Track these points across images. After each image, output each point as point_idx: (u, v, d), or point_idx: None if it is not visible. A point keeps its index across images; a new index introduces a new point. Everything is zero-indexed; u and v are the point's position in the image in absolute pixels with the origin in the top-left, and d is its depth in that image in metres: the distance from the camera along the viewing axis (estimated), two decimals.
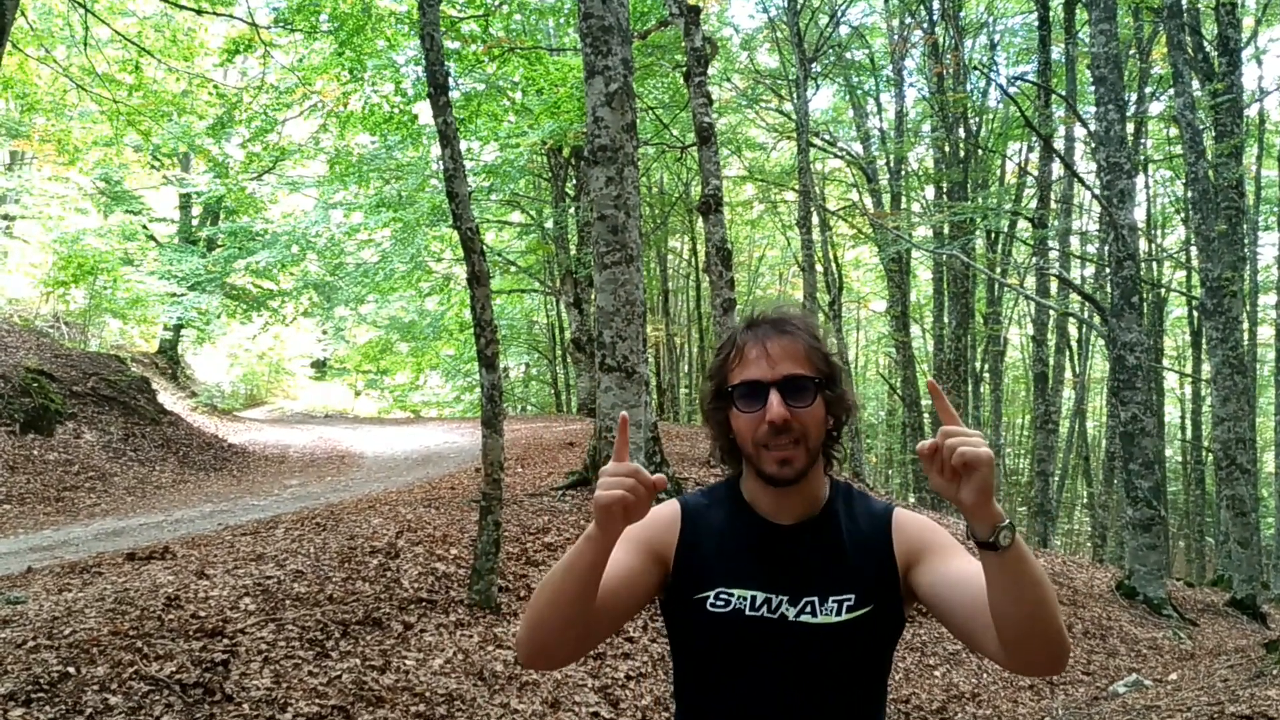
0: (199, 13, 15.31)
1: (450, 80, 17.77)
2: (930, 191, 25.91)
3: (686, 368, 31.68)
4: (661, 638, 6.68)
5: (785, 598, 1.71)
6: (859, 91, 25.09)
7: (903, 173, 25.48)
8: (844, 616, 1.70)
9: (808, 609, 1.70)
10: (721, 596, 1.72)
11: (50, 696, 4.05)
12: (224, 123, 19.40)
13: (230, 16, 15.48)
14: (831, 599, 1.71)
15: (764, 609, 1.70)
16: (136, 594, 5.30)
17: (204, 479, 13.59)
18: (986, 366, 25.48)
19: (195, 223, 26.47)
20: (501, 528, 6.54)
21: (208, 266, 23.02)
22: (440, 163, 7.26)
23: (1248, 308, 21.97)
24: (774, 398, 1.69)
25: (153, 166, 24.64)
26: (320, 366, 38.42)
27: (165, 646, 4.67)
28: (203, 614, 5.16)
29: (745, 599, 1.71)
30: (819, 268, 21.72)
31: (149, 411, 15.01)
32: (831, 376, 1.77)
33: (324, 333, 34.71)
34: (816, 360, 1.76)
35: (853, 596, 1.71)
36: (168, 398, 18.93)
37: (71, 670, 4.26)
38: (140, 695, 4.24)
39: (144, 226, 24.74)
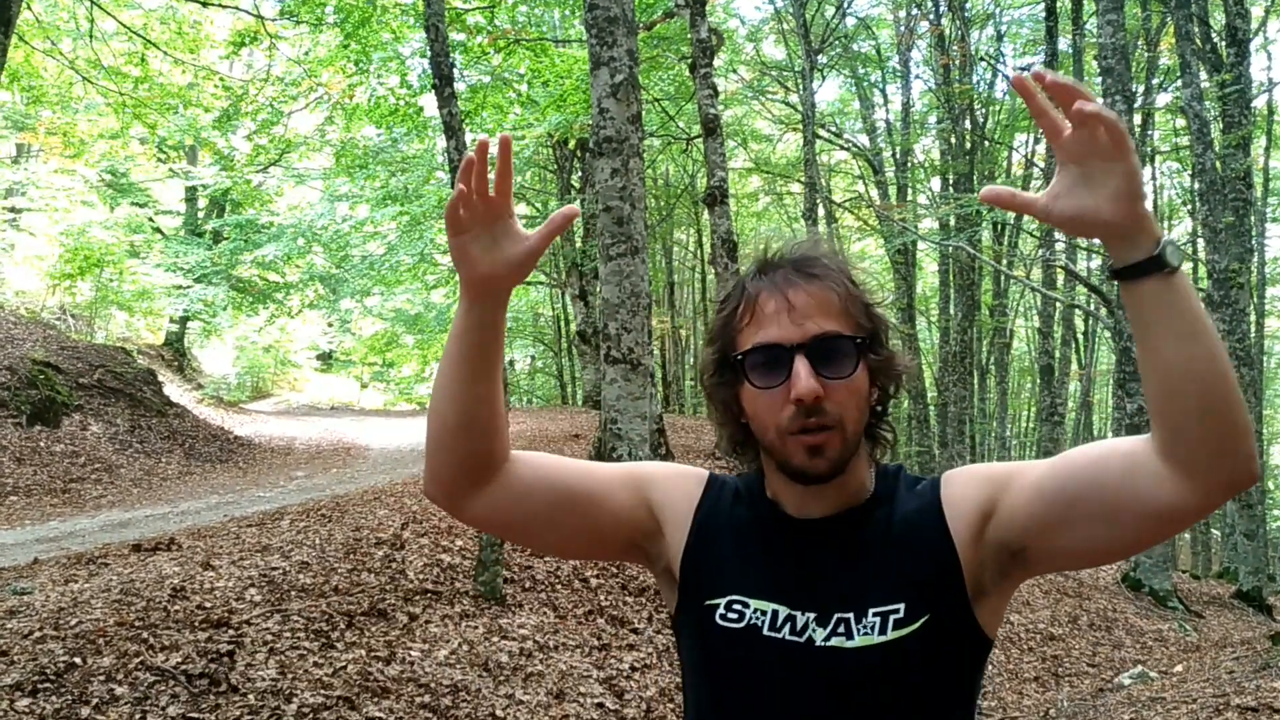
0: (204, 5, 15.31)
1: (456, 72, 17.77)
2: (936, 183, 25.85)
3: (692, 360, 31.67)
4: (666, 629, 6.69)
5: (813, 615, 1.29)
6: (865, 83, 25.05)
7: (909, 164, 25.42)
8: (890, 635, 1.26)
9: (840, 629, 1.28)
10: (735, 607, 1.33)
11: (56, 687, 4.07)
12: (230, 115, 19.42)
13: (236, 9, 15.48)
14: (872, 613, 1.28)
15: (786, 629, 1.30)
16: (142, 585, 5.32)
17: (210, 471, 13.62)
18: (992, 359, 25.45)
19: (201, 215, 26.49)
20: None
21: (214, 259, 23.05)
22: (446, 155, 7.24)
23: (1255, 299, 21.93)
24: (801, 367, 1.25)
25: (159, 159, 24.68)
26: (326, 359, 38.45)
27: (171, 637, 4.68)
28: (208, 605, 5.17)
29: (763, 614, 1.31)
30: None
31: (155, 403, 15.04)
32: (876, 334, 1.33)
33: (330, 325, 34.78)
34: (856, 312, 1.31)
35: (901, 606, 1.27)
36: (174, 390, 18.98)
37: (78, 661, 4.28)
38: (146, 686, 4.25)
39: (150, 219, 24.78)
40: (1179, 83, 15.35)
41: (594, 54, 8.98)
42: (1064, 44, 21.22)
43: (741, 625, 1.31)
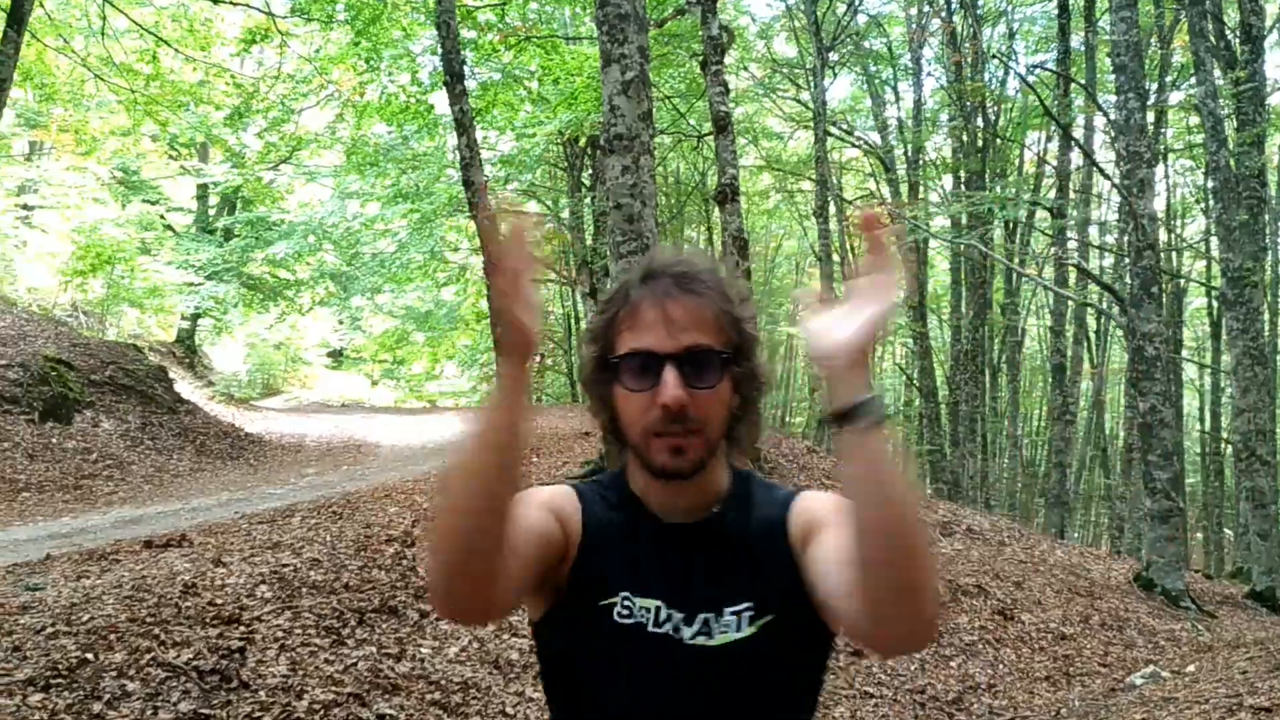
0: (216, 2, 15.34)
1: (466, 69, 17.78)
2: (948, 181, 25.78)
3: None
4: None
5: (682, 616, 1.40)
6: (877, 80, 25.00)
7: (920, 162, 25.36)
8: (745, 631, 1.40)
9: (703, 628, 1.40)
10: (627, 604, 1.41)
11: (69, 682, 4.07)
12: (241, 113, 19.46)
13: (247, 6, 15.51)
14: (728, 612, 1.40)
15: (666, 625, 1.40)
16: (154, 581, 5.32)
17: (221, 468, 13.65)
18: (1004, 357, 25.38)
19: (212, 212, 26.55)
20: None
21: (224, 256, 23.12)
22: (457, 152, 7.25)
23: (1269, 298, 21.81)
24: (670, 376, 1.34)
25: (170, 156, 24.75)
26: (337, 356, 38.52)
27: (182, 633, 4.69)
28: (219, 601, 5.18)
29: (647, 611, 1.40)
30: (836, 258, 21.66)
31: (166, 400, 15.08)
32: (743, 348, 1.43)
33: (340, 322, 34.82)
34: (727, 327, 1.41)
35: (751, 605, 1.41)
36: (185, 387, 19.02)
37: (90, 656, 4.28)
38: (157, 682, 4.26)
39: (161, 216, 24.86)
40: (1193, 80, 15.27)
41: (605, 51, 8.96)
42: (1077, 41, 21.16)
43: (631, 621, 1.40)
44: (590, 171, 22.54)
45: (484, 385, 32.39)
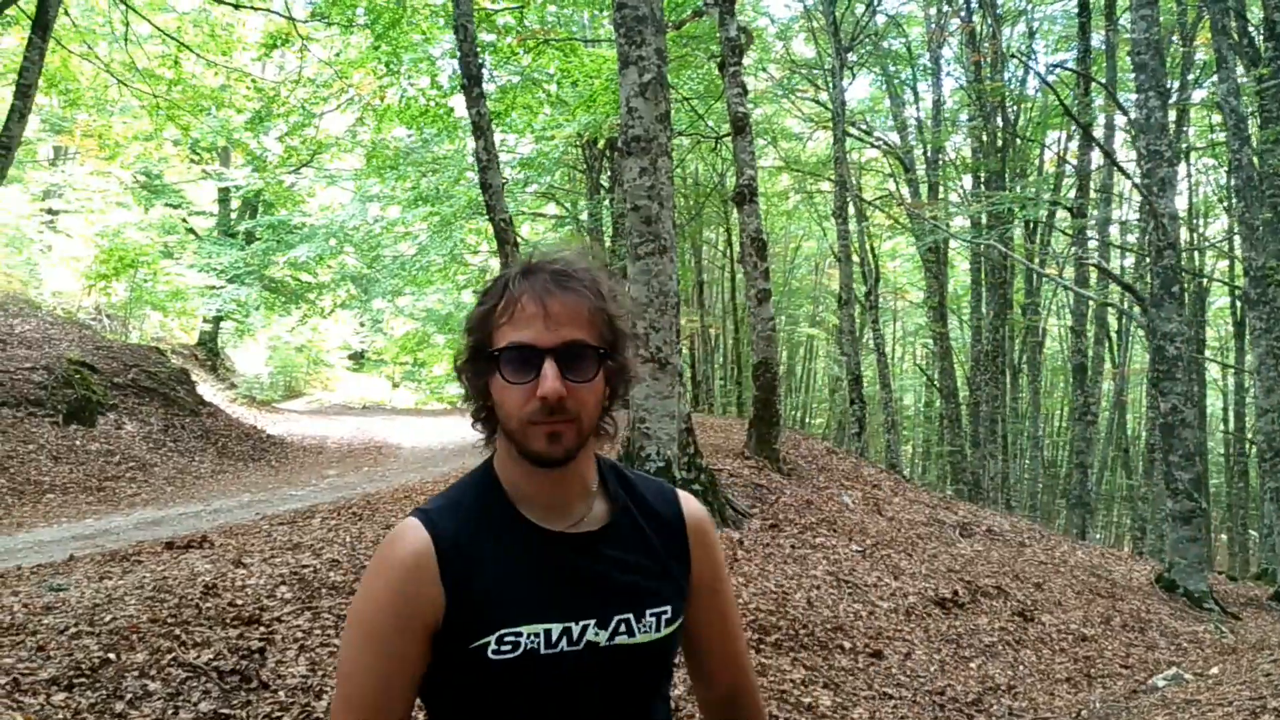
0: (237, 7, 15.45)
1: (485, 72, 17.83)
2: (968, 181, 25.70)
3: (721, 359, 31.64)
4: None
5: (591, 622, 1.44)
6: (896, 81, 24.93)
7: (940, 162, 25.29)
8: (664, 631, 1.50)
9: (623, 629, 1.46)
10: (507, 640, 1.41)
11: (92, 681, 4.12)
12: (262, 117, 19.58)
13: (268, 11, 15.61)
14: (649, 614, 1.49)
15: (563, 642, 1.43)
16: (175, 582, 5.37)
17: (242, 469, 13.74)
18: (1025, 358, 25.28)
19: (234, 216, 26.73)
20: None
21: (246, 259, 23.27)
22: (475, 155, 7.27)
23: None
24: (550, 369, 1.39)
25: (192, 160, 24.94)
26: (358, 358, 38.70)
27: (203, 634, 4.72)
28: (240, 602, 5.21)
29: (537, 637, 1.42)
30: (855, 258, 21.62)
31: (188, 403, 15.19)
32: (615, 344, 1.49)
33: (361, 325, 35.00)
34: (601, 324, 1.46)
35: (669, 609, 1.51)
36: (207, 389, 19.16)
37: (112, 656, 4.33)
38: (178, 682, 4.29)
39: (184, 220, 25.05)
40: (1215, 78, 15.17)
41: (622, 53, 8.98)
42: (1097, 40, 21.04)
43: (517, 654, 1.41)
44: (609, 173, 22.57)
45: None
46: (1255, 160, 13.53)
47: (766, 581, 7.81)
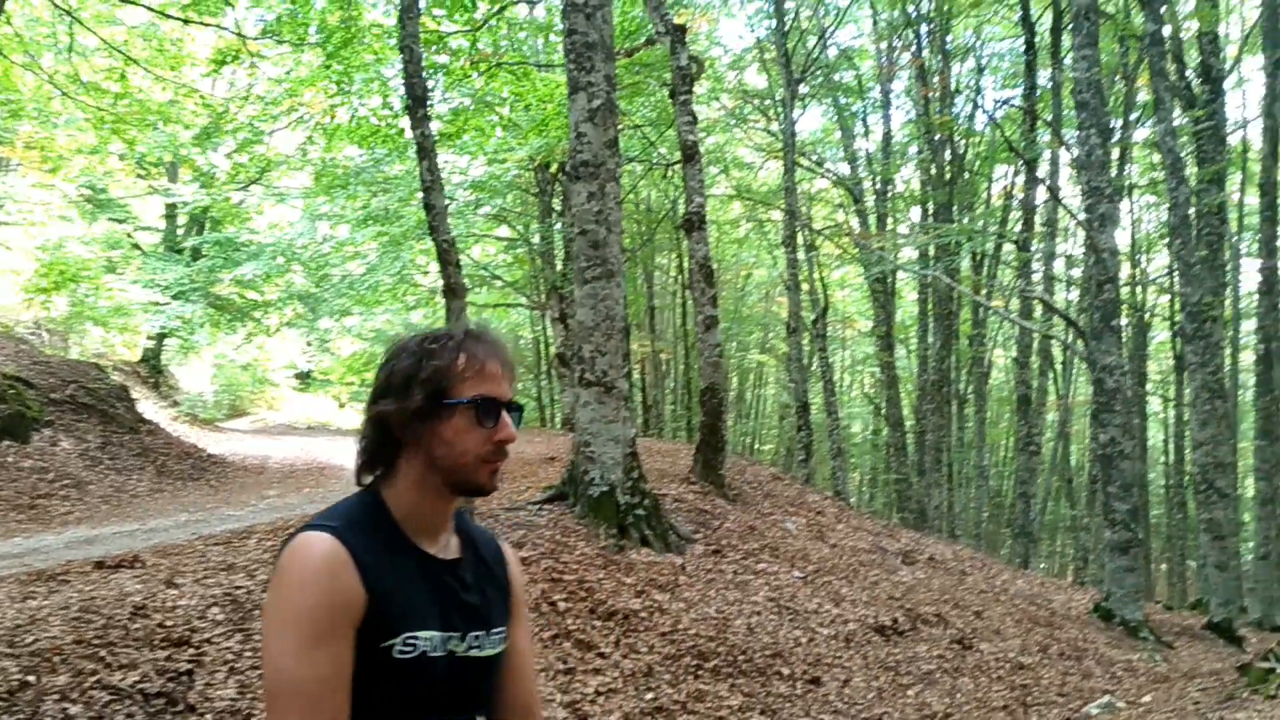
0: (186, 22, 15.32)
1: (438, 94, 17.78)
2: (916, 213, 26.02)
3: (672, 384, 31.67)
4: (634, 653, 6.66)
5: (457, 634, 1.69)
6: (846, 113, 25.21)
7: (889, 194, 25.59)
8: (501, 649, 1.79)
9: (476, 643, 1.73)
10: (409, 642, 1.62)
11: (9, 705, 4.02)
12: (210, 133, 19.38)
13: (218, 27, 15.50)
14: (493, 632, 1.77)
15: (441, 649, 1.66)
16: (103, 602, 5.26)
17: (181, 488, 13.52)
18: (971, 388, 25.54)
19: (181, 232, 26.37)
20: None
21: (192, 276, 22.95)
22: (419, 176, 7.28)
23: (1231, 333, 22.07)
24: (508, 418, 1.72)
25: (139, 175, 24.58)
26: (304, 378, 38.26)
27: (129, 655, 4.63)
28: (170, 623, 5.12)
29: (428, 641, 1.64)
30: (804, 287, 21.79)
31: (127, 420, 14.92)
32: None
33: (309, 344, 34.61)
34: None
35: (504, 630, 1.81)
36: (148, 406, 18.84)
37: (31, 679, 4.22)
38: (101, 705, 4.20)
39: (129, 235, 24.67)
40: (1155, 118, 15.52)
41: (572, 78, 9.02)
42: (1043, 78, 21.46)
43: (414, 655, 1.62)
44: (561, 197, 22.60)
45: None
46: (1192, 199, 13.84)
47: (707, 607, 7.81)
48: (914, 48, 23.51)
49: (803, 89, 21.66)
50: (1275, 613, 16.21)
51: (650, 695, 6.17)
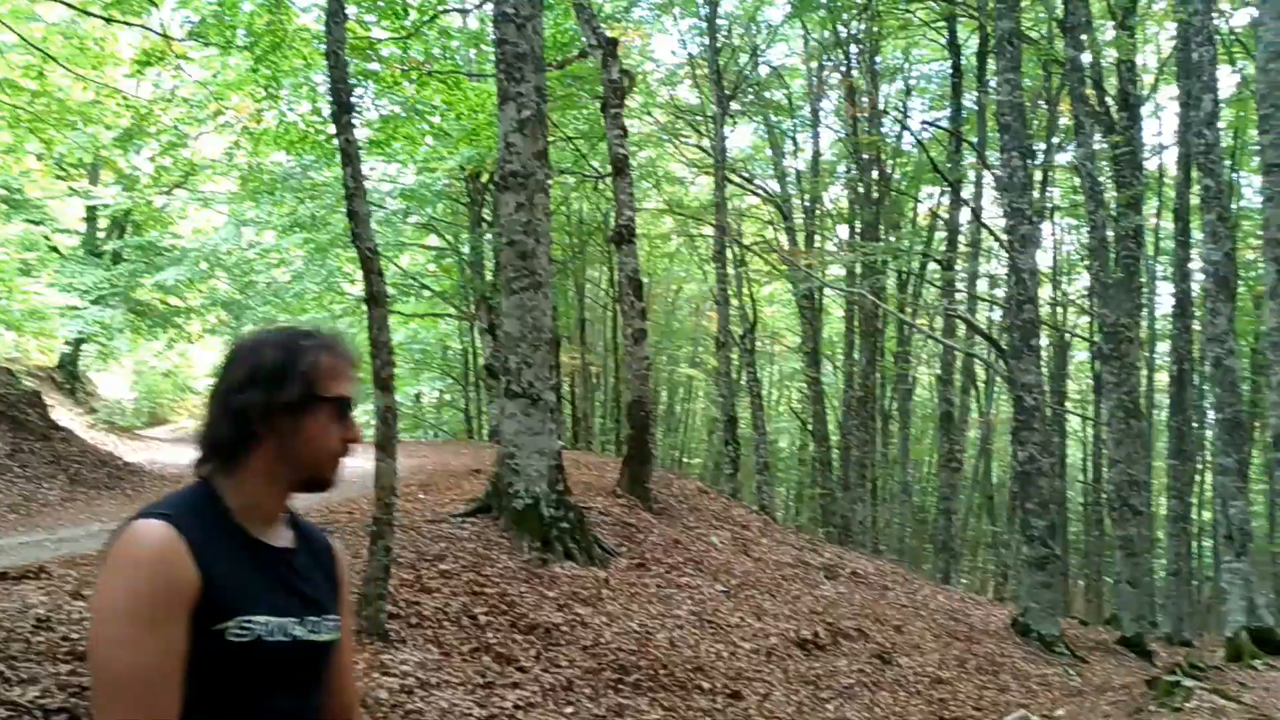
0: (108, 20, 14.97)
1: (369, 101, 17.58)
2: (844, 231, 26.33)
3: (602, 397, 31.64)
4: (555, 667, 6.62)
5: (294, 620, 1.70)
6: (777, 130, 25.45)
7: (817, 212, 25.86)
8: (335, 635, 1.81)
9: (313, 629, 1.74)
10: (244, 625, 1.62)
11: None
12: (132, 134, 18.96)
13: (143, 27, 15.17)
14: (327, 619, 1.78)
15: (279, 633, 1.67)
16: (3, 615, 5.10)
17: (94, 497, 13.17)
18: (896, 405, 25.86)
19: (101, 235, 25.77)
20: (393, 553, 6.44)
21: (112, 280, 22.44)
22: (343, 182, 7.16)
23: (1147, 354, 22.64)
24: (354, 418, 1.79)
25: (58, 176, 23.98)
26: None
27: (30, 670, 4.49)
28: (74, 636, 4.97)
29: (264, 626, 1.64)
30: (734, 302, 21.92)
31: (39, 427, 14.52)
32: None
33: None
34: None
35: (336, 619, 1.82)
36: (63, 413, 18.36)
37: None
38: None
39: (46, 237, 24.02)
40: (1076, 142, 15.89)
41: (502, 89, 9.00)
42: (969, 101, 21.87)
43: (249, 639, 1.62)
44: (492, 207, 22.50)
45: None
46: (1109, 222, 14.18)
47: (630, 621, 7.79)
48: (843, 68, 23.83)
49: (734, 106, 21.84)
50: (1184, 627, 16.64)
51: (570, 709, 6.13)
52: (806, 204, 25.45)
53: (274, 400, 1.69)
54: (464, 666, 6.14)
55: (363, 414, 33.41)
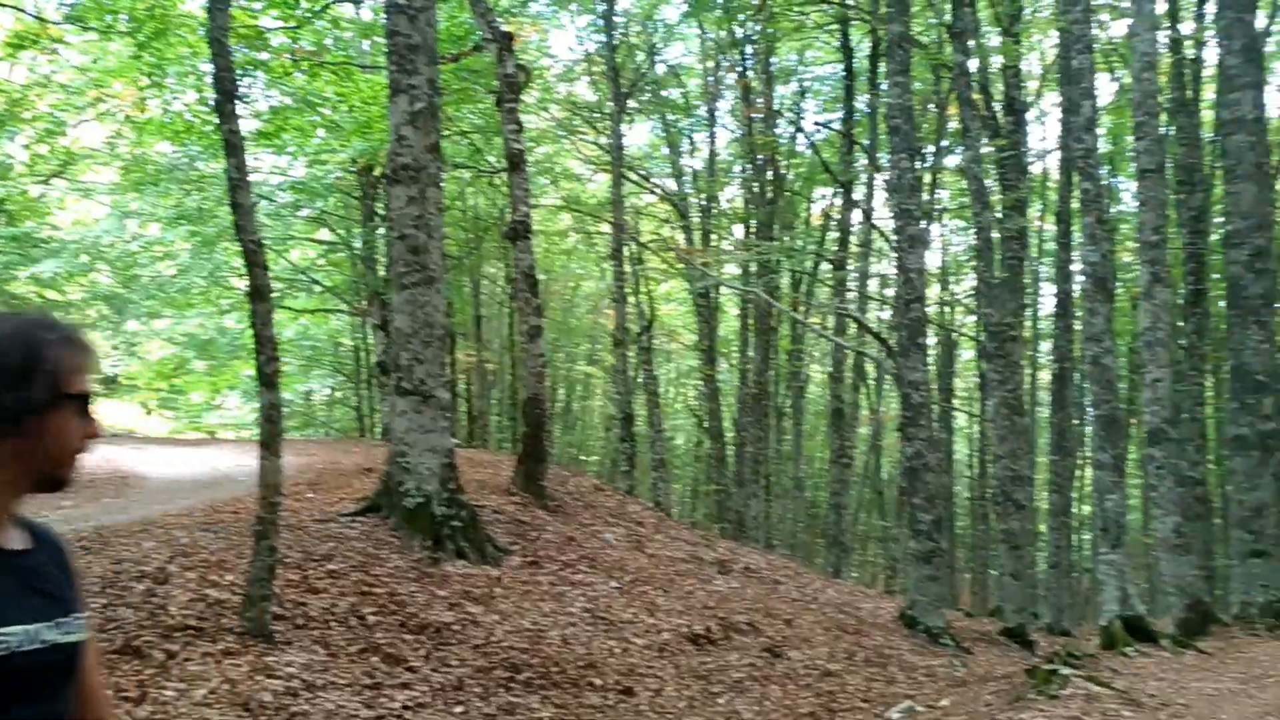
0: None
1: (259, 91, 17.16)
2: (739, 230, 26.57)
3: (499, 395, 31.41)
4: (445, 667, 6.55)
5: (45, 624, 1.66)
6: (674, 129, 25.56)
7: (713, 211, 26.05)
8: (85, 634, 1.77)
9: (64, 630, 1.70)
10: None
11: None
12: (4, 120, 18.21)
13: (15, 8, 14.59)
14: (75, 618, 1.74)
15: (32, 641, 1.62)
16: None
17: None
18: (789, 402, 26.19)
19: None
20: (278, 553, 6.30)
21: None
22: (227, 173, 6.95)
23: (1030, 352, 23.33)
24: (93, 412, 1.73)
25: None
26: (110, 383, 36.37)
27: None
28: None
29: (14, 637, 1.59)
30: (631, 300, 21.97)
31: None
32: None
33: (114, 348, 32.92)
34: None
35: (83, 616, 1.79)
36: None
37: None
38: None
39: None
40: (964, 145, 16.29)
41: (393, 81, 8.88)
42: (861, 103, 22.25)
43: (4, 653, 1.58)
44: (384, 201, 22.16)
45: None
46: (994, 223, 14.56)
47: (522, 619, 7.75)
48: (739, 69, 24.03)
49: (631, 104, 21.87)
50: (1064, 618, 17.20)
51: (460, 709, 6.07)
52: (703, 203, 25.61)
53: (24, 399, 1.62)
54: (351, 667, 6.04)
55: (249, 411, 32.74)
